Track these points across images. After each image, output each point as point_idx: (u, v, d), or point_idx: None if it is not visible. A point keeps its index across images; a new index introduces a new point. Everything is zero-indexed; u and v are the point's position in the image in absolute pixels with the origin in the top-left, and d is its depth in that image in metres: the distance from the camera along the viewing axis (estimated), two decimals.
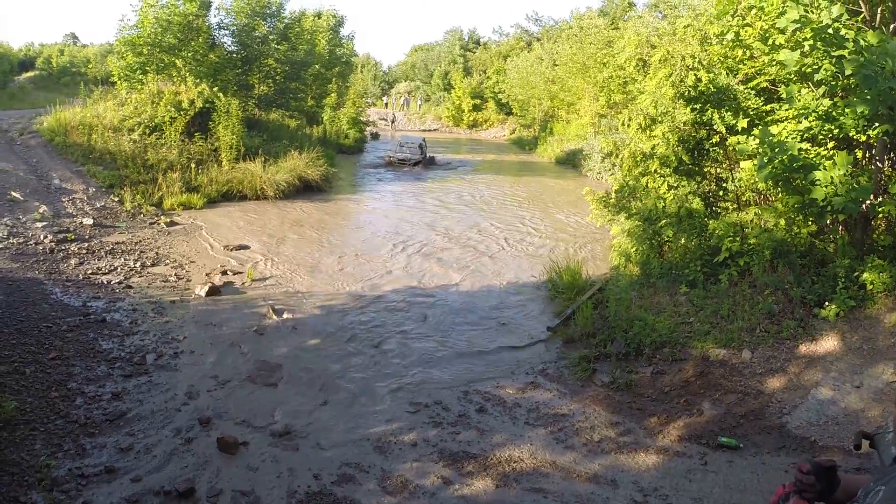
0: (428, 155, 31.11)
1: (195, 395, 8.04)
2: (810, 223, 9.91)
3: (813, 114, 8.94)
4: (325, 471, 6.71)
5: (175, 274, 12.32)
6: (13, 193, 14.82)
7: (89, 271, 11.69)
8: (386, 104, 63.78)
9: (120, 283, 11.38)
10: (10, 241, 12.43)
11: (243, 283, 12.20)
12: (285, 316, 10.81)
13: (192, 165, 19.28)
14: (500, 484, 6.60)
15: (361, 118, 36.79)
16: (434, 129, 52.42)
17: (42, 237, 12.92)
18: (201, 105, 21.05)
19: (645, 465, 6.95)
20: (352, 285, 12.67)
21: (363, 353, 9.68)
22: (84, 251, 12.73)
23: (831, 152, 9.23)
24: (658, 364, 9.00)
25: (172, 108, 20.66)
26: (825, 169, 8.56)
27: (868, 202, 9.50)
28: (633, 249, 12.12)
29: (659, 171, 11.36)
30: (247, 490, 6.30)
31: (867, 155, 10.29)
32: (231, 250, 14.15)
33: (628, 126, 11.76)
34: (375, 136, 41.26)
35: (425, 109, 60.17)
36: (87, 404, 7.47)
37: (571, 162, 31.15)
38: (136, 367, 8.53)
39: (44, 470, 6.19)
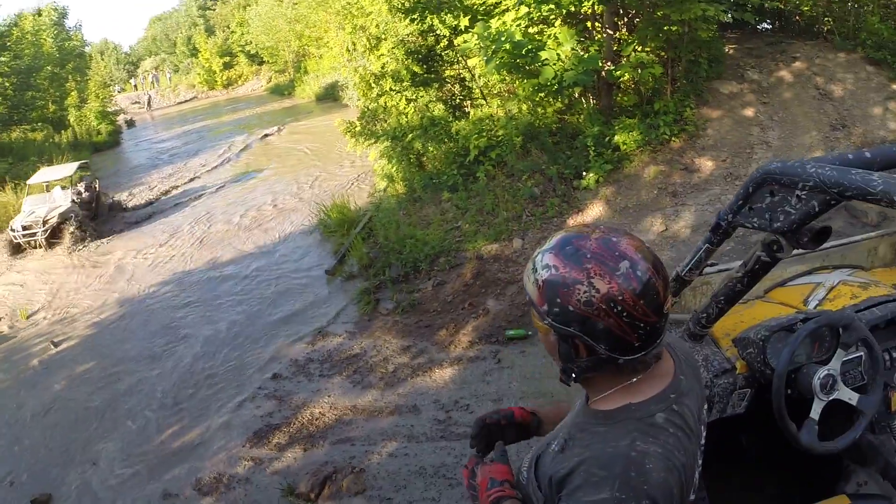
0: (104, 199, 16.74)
1: None
2: (556, 101, 10.06)
3: None
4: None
5: None
6: None
7: None
8: (135, 86, 59.45)
9: None
10: None
11: (15, 326, 10.75)
12: (63, 346, 9.57)
13: None
14: (308, 447, 6.12)
15: (109, 109, 33.28)
16: (190, 99, 48.55)
17: None
18: None
19: (442, 380, 6.73)
20: (129, 291, 11.35)
21: (148, 360, 8.67)
22: None
23: (559, 30, 9.40)
24: (437, 276, 8.73)
25: None
26: (550, 48, 8.73)
27: (606, 69, 9.87)
28: (394, 169, 11.78)
29: (394, 87, 11.12)
30: None
31: (597, 25, 10.62)
32: None
33: (353, 51, 11.36)
34: (131, 124, 36.73)
35: (176, 81, 56.22)
36: None
37: (331, 96, 29.90)
38: None
39: None
